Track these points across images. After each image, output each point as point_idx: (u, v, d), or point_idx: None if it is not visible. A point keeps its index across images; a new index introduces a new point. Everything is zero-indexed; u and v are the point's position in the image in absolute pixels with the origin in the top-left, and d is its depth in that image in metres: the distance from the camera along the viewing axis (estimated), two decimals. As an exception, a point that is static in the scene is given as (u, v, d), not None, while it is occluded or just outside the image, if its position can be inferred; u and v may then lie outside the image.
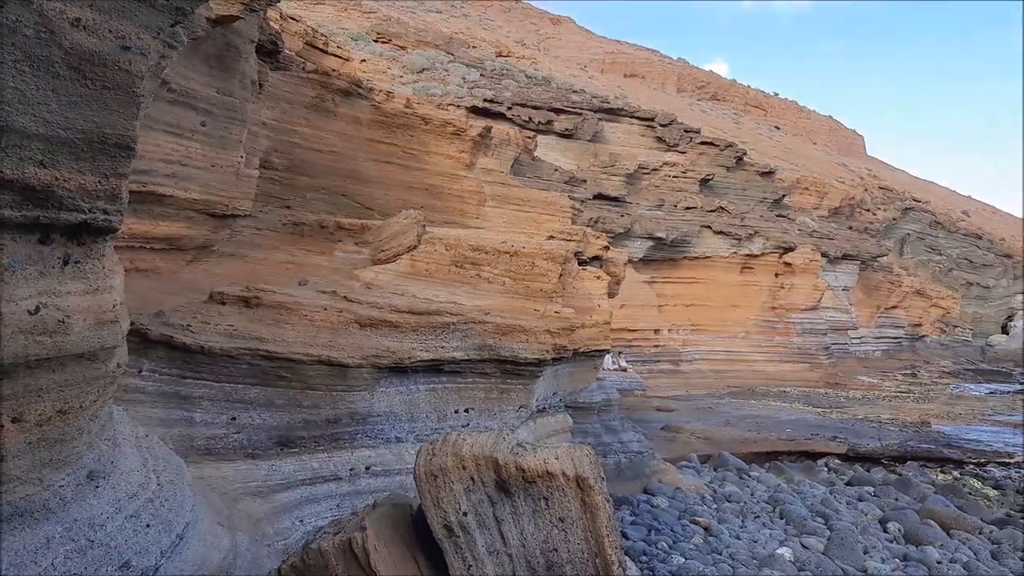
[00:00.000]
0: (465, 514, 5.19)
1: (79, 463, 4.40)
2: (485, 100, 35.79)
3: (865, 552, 13.68)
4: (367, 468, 8.64)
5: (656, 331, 37.73)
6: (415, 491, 5.76)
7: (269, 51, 13.63)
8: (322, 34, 18.69)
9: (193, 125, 10.94)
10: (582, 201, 33.86)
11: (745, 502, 16.80)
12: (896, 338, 55.26)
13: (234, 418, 7.82)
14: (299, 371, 8.08)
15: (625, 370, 29.01)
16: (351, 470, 8.46)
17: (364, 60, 35.39)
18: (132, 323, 7.68)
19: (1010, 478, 23.09)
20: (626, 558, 9.81)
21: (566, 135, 38.50)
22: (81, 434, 4.33)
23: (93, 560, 4.26)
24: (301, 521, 7.79)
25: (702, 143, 42.67)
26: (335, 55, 18.37)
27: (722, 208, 40.91)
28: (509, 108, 36.34)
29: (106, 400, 4.68)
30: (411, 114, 17.71)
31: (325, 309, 8.73)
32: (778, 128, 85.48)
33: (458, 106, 32.34)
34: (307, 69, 15.78)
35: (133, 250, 10.21)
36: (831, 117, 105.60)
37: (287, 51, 15.46)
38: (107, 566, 4.36)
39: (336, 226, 13.81)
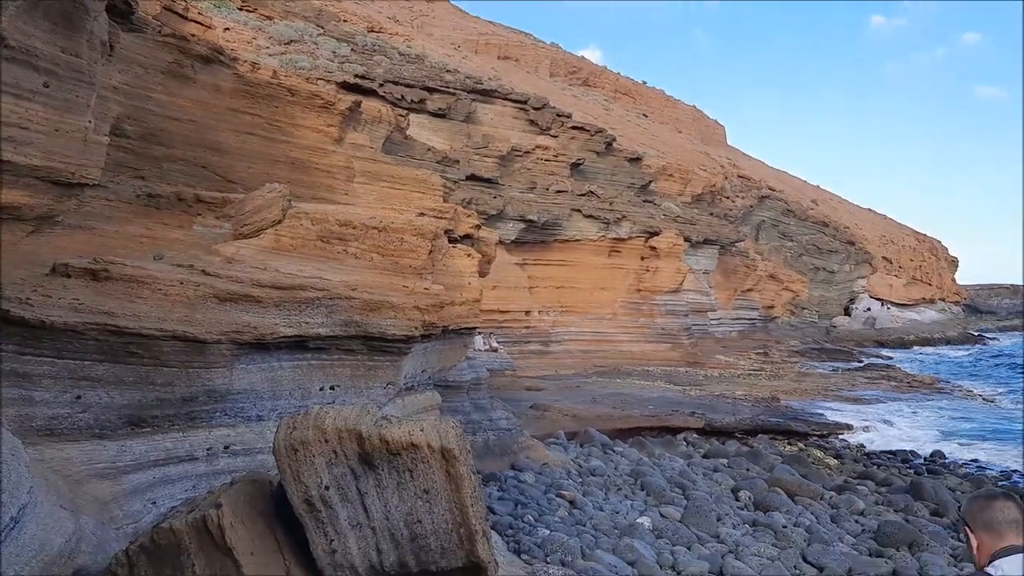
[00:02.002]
0: (327, 488, 5.10)
1: None
2: (356, 76, 34.96)
3: (718, 519, 14.42)
4: (226, 447, 8.33)
5: (527, 312, 38.27)
6: (276, 469, 5.61)
7: (122, 11, 12.76)
8: (182, -3, 17.70)
9: (34, 86, 10.09)
10: (455, 182, 33.76)
11: (609, 475, 17.36)
12: (751, 319, 58.37)
13: (79, 396, 7.35)
14: (151, 347, 7.67)
15: (496, 351, 29.20)
16: (208, 450, 8.14)
17: (228, 28, 33.82)
18: (-39, 295, 7.09)
19: (848, 448, 24.92)
20: (492, 531, 9.93)
21: (439, 115, 38.21)
22: None
23: (-89, 546, 3.92)
24: (154, 503, 7.44)
25: (573, 127, 43.38)
26: (196, 21, 17.42)
27: (592, 192, 41.82)
28: (381, 85, 35.68)
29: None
30: (276, 85, 17.06)
31: (181, 283, 8.32)
32: (646, 116, 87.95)
33: (328, 81, 31.48)
34: (164, 32, 14.93)
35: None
36: (695, 107, 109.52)
37: (142, 13, 14.56)
38: (-72, 552, 4.01)
39: (195, 199, 13.12)
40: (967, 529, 3.13)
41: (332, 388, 9.38)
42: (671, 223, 46.08)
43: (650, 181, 48.67)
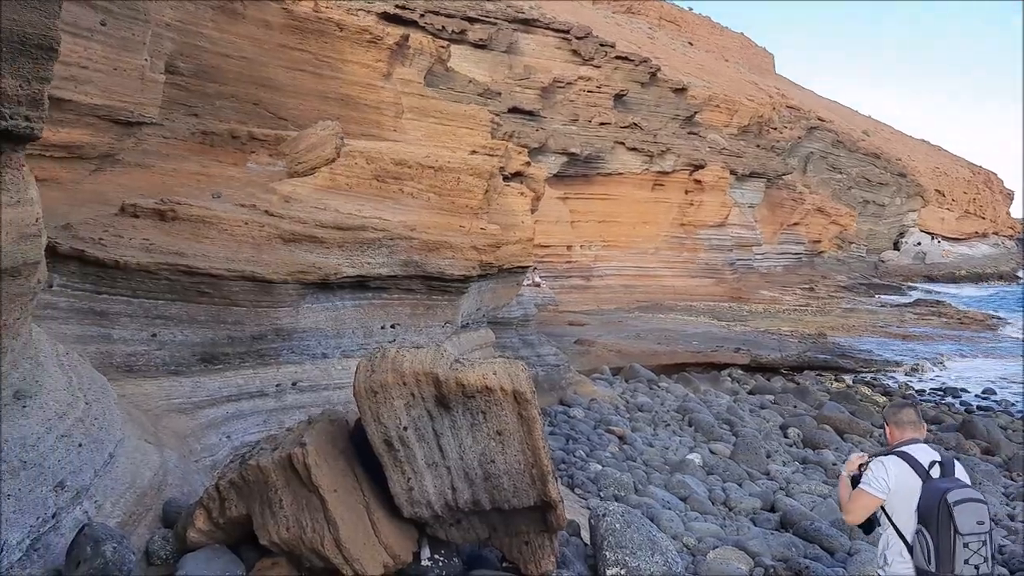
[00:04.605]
0: (405, 429, 5.22)
1: (5, 383, 4.20)
2: (396, 6, 34.40)
3: (768, 456, 14.52)
4: (293, 384, 8.57)
5: (568, 247, 38.14)
6: (345, 406, 5.74)
7: (171, -54, 12.74)
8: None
9: (92, 24, 10.20)
10: (497, 114, 33.42)
11: (656, 411, 17.49)
12: (796, 254, 57.48)
13: (154, 334, 7.58)
14: (221, 287, 7.86)
15: (539, 285, 29.23)
16: (277, 386, 8.39)
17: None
18: (42, 237, 7.28)
19: (897, 385, 24.74)
20: (551, 467, 10.04)
21: (480, 45, 37.58)
22: (5, 353, 4.12)
23: (27, 481, 4.13)
24: (228, 437, 7.72)
25: (617, 57, 42.36)
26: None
27: (635, 124, 41.06)
28: (422, 16, 35.11)
29: (27, 317, 4.46)
30: (324, 19, 16.94)
31: (246, 223, 8.46)
32: (691, 44, 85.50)
33: (368, 12, 31.04)
34: (213, -33, 14.84)
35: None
36: (743, 34, 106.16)
37: (190, -53, 14.44)
38: (41, 487, 4.22)
39: (249, 136, 13.24)
40: (886, 424, 4.62)
41: (392, 326, 9.55)
42: (716, 155, 45.18)
43: (695, 112, 47.54)
